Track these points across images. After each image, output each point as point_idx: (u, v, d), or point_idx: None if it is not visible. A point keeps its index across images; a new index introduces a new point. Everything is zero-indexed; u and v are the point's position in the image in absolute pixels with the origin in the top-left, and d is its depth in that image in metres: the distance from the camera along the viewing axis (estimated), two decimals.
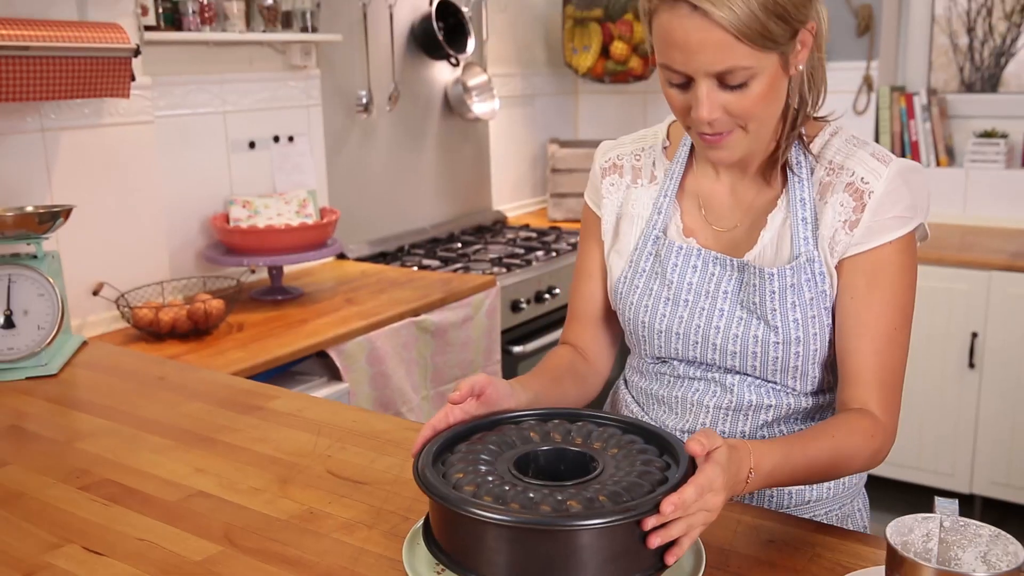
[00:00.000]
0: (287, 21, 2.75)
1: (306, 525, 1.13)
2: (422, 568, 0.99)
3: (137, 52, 2.12)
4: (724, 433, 1.25)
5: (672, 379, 1.29)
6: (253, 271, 2.56)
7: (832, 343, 1.19)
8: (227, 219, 2.59)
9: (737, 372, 1.23)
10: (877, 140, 3.64)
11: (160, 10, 2.41)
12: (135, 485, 1.25)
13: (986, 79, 3.74)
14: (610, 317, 1.36)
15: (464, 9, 3.38)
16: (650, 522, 0.89)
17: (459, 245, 3.32)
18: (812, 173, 1.19)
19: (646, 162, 1.30)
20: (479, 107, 3.52)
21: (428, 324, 2.52)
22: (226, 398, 1.57)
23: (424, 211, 3.46)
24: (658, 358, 1.29)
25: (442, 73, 3.46)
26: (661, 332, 1.25)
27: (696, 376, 1.26)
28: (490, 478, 0.96)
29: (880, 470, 3.22)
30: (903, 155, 3.59)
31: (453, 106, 3.50)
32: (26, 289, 1.71)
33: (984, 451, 3.08)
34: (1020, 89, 3.64)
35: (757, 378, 1.22)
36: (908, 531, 0.90)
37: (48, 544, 1.09)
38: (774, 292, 1.17)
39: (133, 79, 2.15)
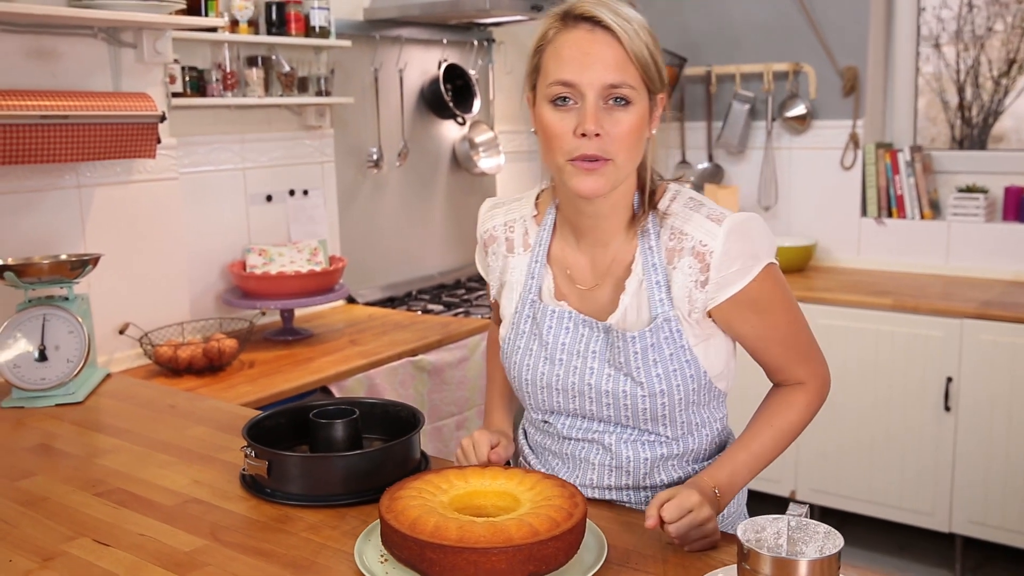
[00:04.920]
0: (303, 86, 3.01)
1: (281, 526, 1.33)
2: (369, 557, 1.20)
3: (163, 118, 2.39)
4: (611, 487, 1.41)
5: (559, 437, 1.43)
6: (264, 313, 2.80)
7: (696, 390, 1.34)
8: (244, 266, 2.84)
9: (614, 423, 1.37)
10: (864, 194, 3.82)
11: (187, 78, 2.68)
12: (141, 493, 1.46)
13: (976, 136, 3.92)
14: None
15: (471, 72, 3.63)
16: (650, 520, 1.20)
17: (463, 291, 3.54)
18: (659, 238, 1.32)
19: (518, 232, 1.45)
20: (485, 162, 3.76)
21: (425, 364, 2.73)
22: (226, 423, 1.80)
23: (433, 259, 3.70)
24: (543, 413, 1.43)
25: (450, 131, 3.71)
26: (543, 388, 1.39)
27: (578, 437, 1.40)
28: None
29: (862, 508, 3.36)
30: (889, 208, 3.78)
31: (460, 161, 3.74)
32: (58, 327, 1.95)
33: (962, 491, 3.21)
34: (1008, 147, 3.82)
35: (631, 428, 1.37)
36: (761, 529, 1.09)
37: (64, 537, 1.31)
38: (636, 352, 1.31)
39: (159, 141, 2.41)
